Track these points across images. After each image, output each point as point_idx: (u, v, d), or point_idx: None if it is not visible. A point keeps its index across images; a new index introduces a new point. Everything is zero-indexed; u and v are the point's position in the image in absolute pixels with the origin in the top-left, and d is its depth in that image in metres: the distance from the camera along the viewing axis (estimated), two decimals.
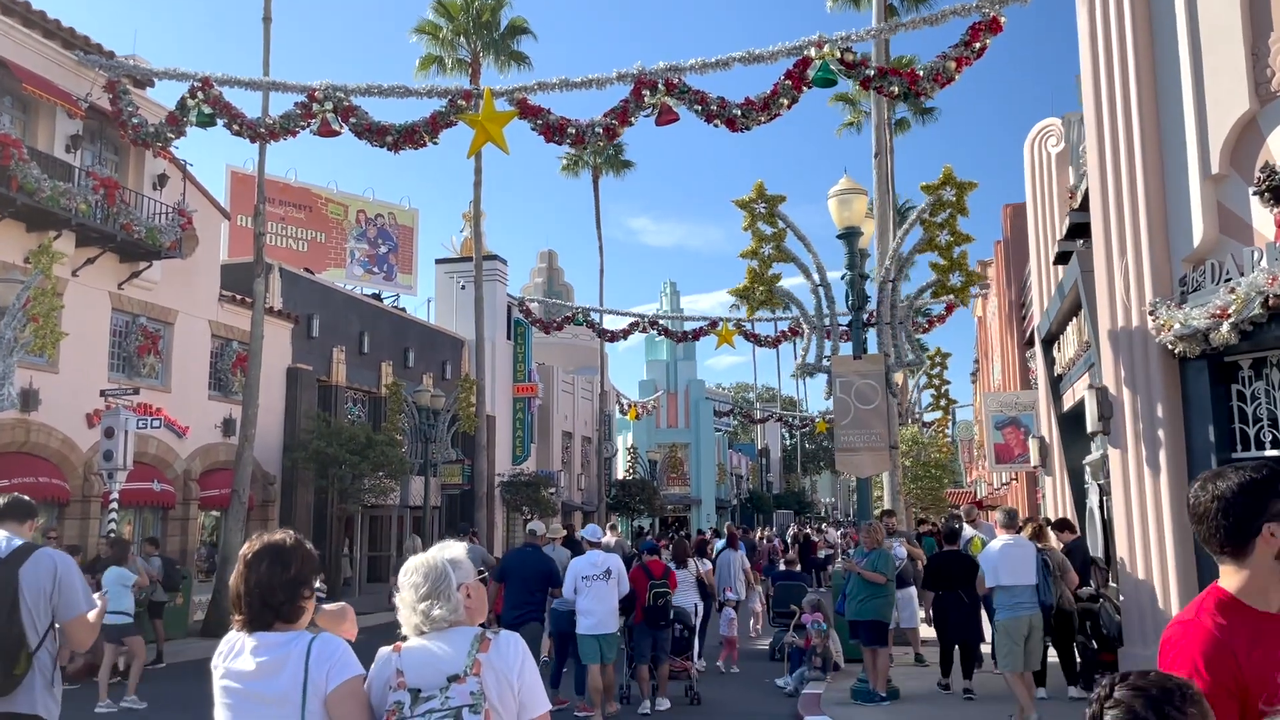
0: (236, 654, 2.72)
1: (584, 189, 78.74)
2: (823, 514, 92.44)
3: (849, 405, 10.67)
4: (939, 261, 10.96)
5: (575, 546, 12.68)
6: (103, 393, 16.91)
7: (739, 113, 14.90)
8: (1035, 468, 16.96)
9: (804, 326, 11.01)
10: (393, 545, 28.89)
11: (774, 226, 11.18)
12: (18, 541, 4.28)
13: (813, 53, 14.54)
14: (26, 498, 4.73)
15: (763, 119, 14.94)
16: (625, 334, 37.44)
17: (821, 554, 29.06)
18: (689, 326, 36.55)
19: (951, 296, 11.11)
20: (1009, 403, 19.85)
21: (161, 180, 19.77)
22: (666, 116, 15.19)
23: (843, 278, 11.08)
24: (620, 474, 50.32)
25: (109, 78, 17.59)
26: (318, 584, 2.96)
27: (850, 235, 10.60)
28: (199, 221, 20.67)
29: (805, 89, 14.81)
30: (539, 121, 15.71)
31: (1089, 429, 9.75)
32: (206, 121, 17.01)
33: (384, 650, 2.76)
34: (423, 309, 34.04)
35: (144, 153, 19.49)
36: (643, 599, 10.20)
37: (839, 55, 14.40)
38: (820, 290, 11.00)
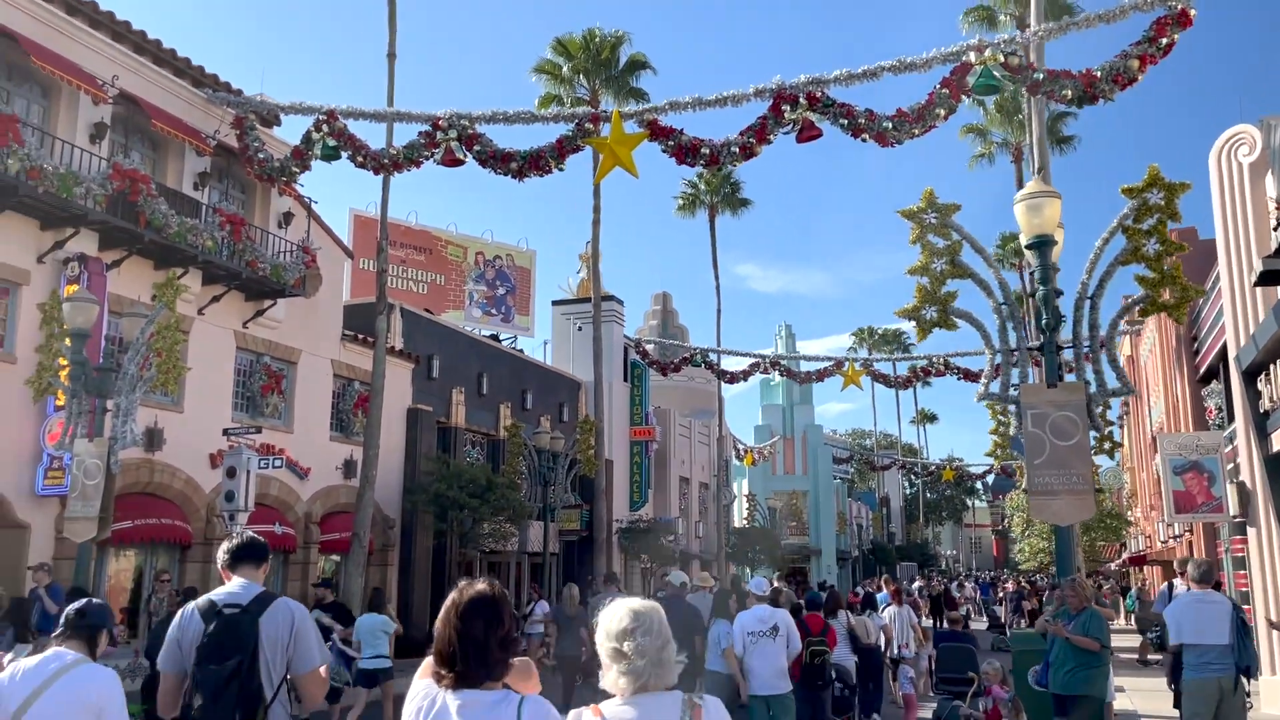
0: (439, 712, 2.58)
1: (698, 229, 78.18)
2: (944, 567, 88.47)
3: (1043, 441, 9.22)
4: (1146, 274, 9.49)
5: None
6: (225, 432, 16.56)
7: (890, 125, 13.71)
8: (1236, 518, 14.97)
9: (986, 351, 9.65)
10: (511, 591, 28.04)
11: (946, 238, 9.90)
12: (257, 589, 4.15)
13: (972, 57, 13.28)
14: (262, 540, 4.44)
15: (916, 131, 13.71)
16: (745, 375, 36.22)
17: (963, 609, 27.03)
18: (811, 367, 35.14)
19: (1160, 313, 9.61)
20: (1188, 445, 17.78)
21: (286, 219, 19.61)
22: (808, 132, 14.12)
23: (1032, 294, 9.70)
24: (738, 521, 48.73)
25: (236, 114, 17.50)
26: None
27: (1041, 245, 9.24)
28: (322, 260, 20.44)
29: (964, 98, 13.53)
30: (670, 143, 14.83)
31: None
32: (331, 155, 16.72)
33: (585, 714, 2.61)
34: (539, 350, 33.56)
35: (269, 191, 19.39)
36: (800, 657, 9.37)
37: (1002, 59, 13.09)
38: (1004, 309, 9.65)
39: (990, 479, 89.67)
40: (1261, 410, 12.96)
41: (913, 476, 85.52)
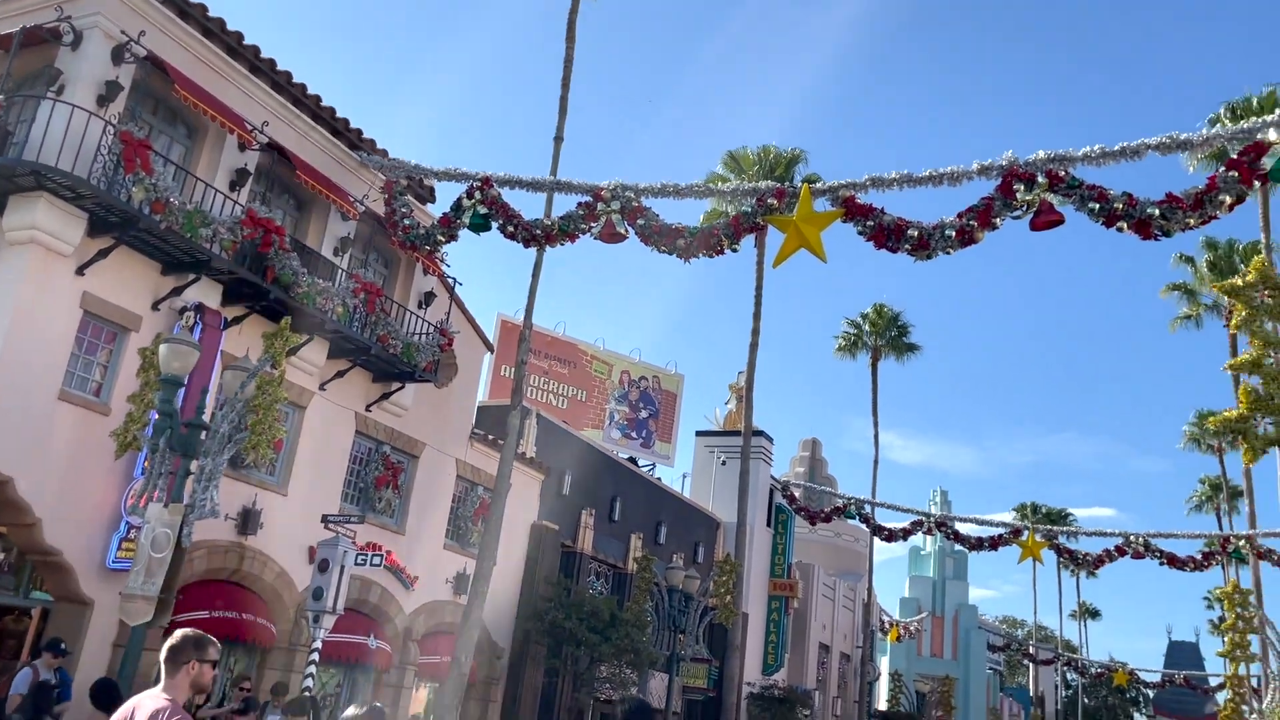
0: None
1: (853, 376, 74.95)
2: None
3: None
4: None
5: None
6: (324, 518, 14.54)
7: (1156, 213, 10.98)
8: None
9: None
10: None
11: None
12: None
13: (1272, 135, 10.54)
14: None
15: (1191, 222, 10.95)
16: (905, 534, 32.47)
17: None
18: (982, 533, 31.15)
19: None
20: None
21: (427, 299, 18.08)
22: (1046, 217, 11.53)
23: None
24: (882, 704, 43.64)
25: (387, 178, 16.24)
26: None
27: None
28: (460, 350, 18.77)
29: (1256, 183, 10.72)
30: (870, 224, 12.48)
31: None
32: (480, 225, 15.10)
33: None
34: (678, 483, 30.96)
35: (413, 270, 17.98)
36: None
37: None
38: None
39: (1154, 694, 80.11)
40: None
41: (1069, 677, 77.13)
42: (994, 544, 30.07)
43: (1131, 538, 28.82)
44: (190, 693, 4.40)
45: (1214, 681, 57.19)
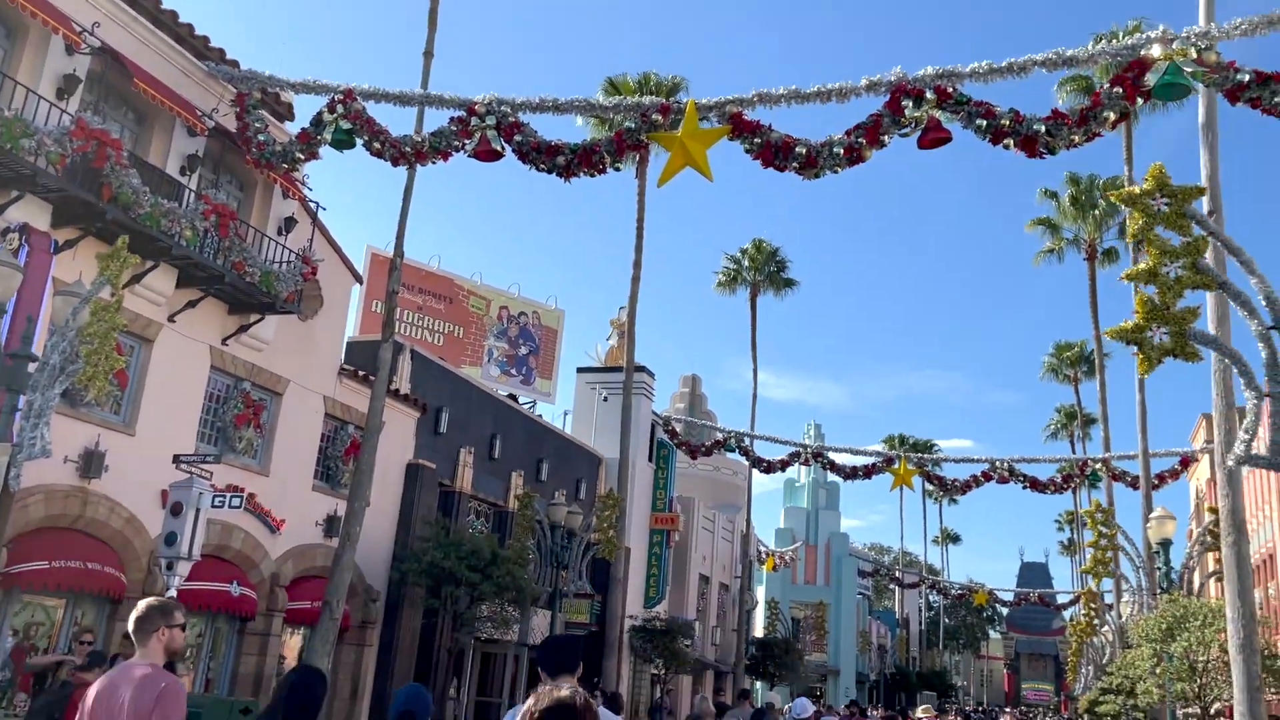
0: None
1: (733, 314, 75.50)
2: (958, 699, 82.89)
3: None
4: None
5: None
6: (176, 459, 13.44)
7: (1042, 129, 10.86)
8: None
9: (1250, 396, 6.59)
10: (505, 690, 24.39)
11: (1184, 233, 6.93)
12: None
13: (1156, 51, 10.49)
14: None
15: (1076, 139, 10.88)
16: (783, 465, 33.01)
17: None
18: (858, 462, 31.81)
19: None
20: None
21: (288, 225, 16.85)
22: (934, 134, 11.30)
23: None
24: (759, 631, 44.66)
25: (239, 90, 14.91)
26: None
27: None
28: (326, 280, 17.66)
29: (1140, 100, 10.70)
30: (756, 141, 12.03)
31: None
32: (344, 141, 14.04)
33: None
34: (559, 420, 30.45)
35: (272, 193, 16.70)
36: None
37: (1194, 54, 10.29)
38: (1274, 335, 6.65)
39: (1007, 612, 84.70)
40: None
41: (932, 599, 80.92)
42: (868, 472, 30.82)
43: (997, 463, 29.91)
44: (165, 657, 4.53)
45: (1061, 599, 60.68)
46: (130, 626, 4.48)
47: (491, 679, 24.61)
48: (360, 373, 18.84)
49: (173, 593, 12.39)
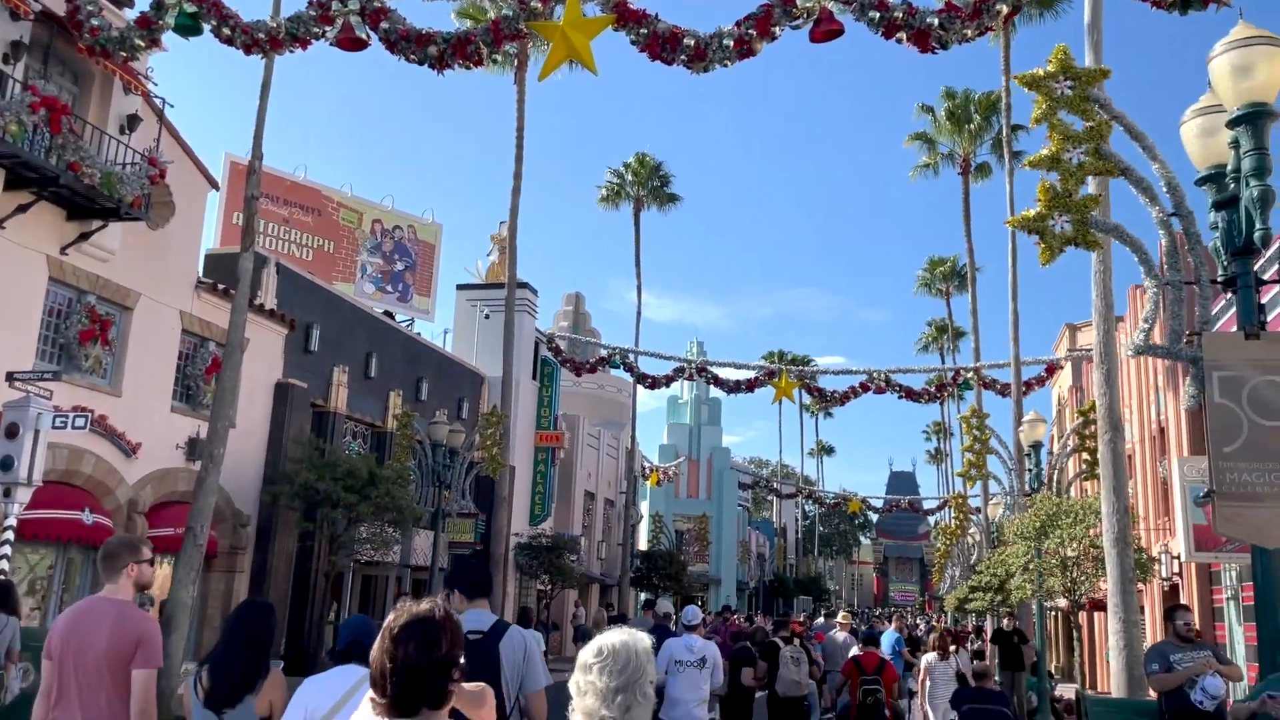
0: None
1: (619, 228, 75.01)
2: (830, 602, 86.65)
3: (1237, 420, 6.06)
4: None
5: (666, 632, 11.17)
6: (10, 376, 12.22)
7: (935, 22, 10.55)
8: None
9: (1149, 284, 6.47)
10: (388, 613, 23.89)
11: (1088, 118, 6.71)
12: (491, 618, 4.44)
13: None
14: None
15: (969, 33, 10.61)
16: (667, 381, 32.86)
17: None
18: (741, 376, 31.99)
19: None
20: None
21: (131, 122, 15.40)
22: (826, 26, 10.85)
23: (1222, 204, 6.55)
24: (644, 544, 45.20)
25: None
26: None
27: (1257, 118, 6.18)
28: (178, 188, 16.26)
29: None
30: (642, 31, 11.36)
31: None
32: (189, 26, 12.65)
33: None
34: (439, 338, 29.52)
35: (112, 88, 15.18)
36: (855, 697, 10.38)
37: None
38: (1174, 221, 6.53)
39: (877, 518, 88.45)
40: None
41: (807, 509, 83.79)
42: (750, 386, 31.03)
43: (874, 374, 30.47)
44: (135, 591, 4.59)
45: (929, 505, 63.47)
46: (100, 564, 4.58)
47: (374, 602, 24.06)
48: (220, 287, 17.62)
49: (11, 521, 11.37)
